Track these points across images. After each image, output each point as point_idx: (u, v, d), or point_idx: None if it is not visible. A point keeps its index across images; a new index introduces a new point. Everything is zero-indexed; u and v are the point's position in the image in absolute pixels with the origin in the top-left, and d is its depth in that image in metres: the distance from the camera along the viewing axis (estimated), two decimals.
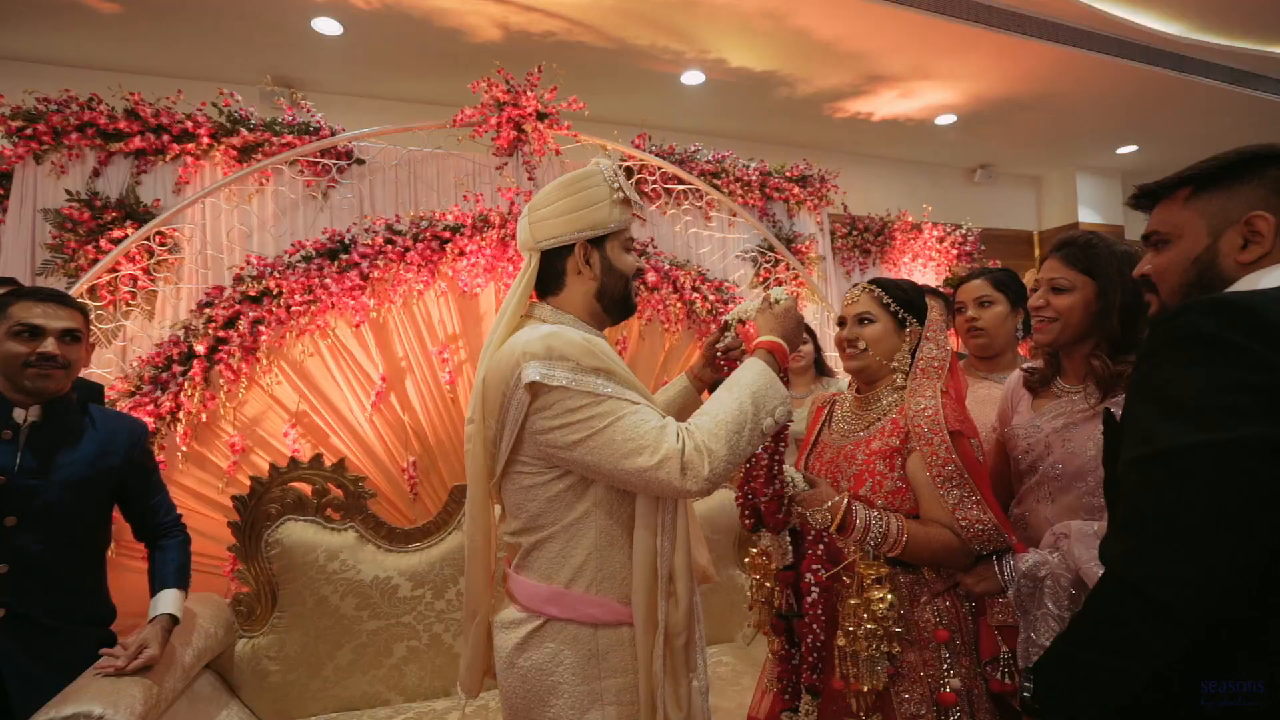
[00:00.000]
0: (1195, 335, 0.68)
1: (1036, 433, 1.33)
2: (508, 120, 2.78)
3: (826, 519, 1.22)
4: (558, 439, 0.99)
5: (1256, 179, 0.80)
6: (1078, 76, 4.35)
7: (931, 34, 3.72)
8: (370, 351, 2.69)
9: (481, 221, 2.78)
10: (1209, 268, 0.81)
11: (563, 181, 1.14)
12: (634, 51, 3.79)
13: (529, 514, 1.06)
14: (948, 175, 6.10)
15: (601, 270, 1.14)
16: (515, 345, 1.04)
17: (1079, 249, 1.28)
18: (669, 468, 0.95)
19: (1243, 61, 4.56)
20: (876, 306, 1.37)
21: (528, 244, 1.14)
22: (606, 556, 1.05)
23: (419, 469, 2.76)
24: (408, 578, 1.67)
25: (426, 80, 3.89)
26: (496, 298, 2.87)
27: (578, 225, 1.11)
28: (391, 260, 2.63)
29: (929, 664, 1.22)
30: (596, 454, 0.97)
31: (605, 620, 1.05)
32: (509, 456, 1.06)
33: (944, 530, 1.22)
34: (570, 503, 1.04)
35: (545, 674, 1.03)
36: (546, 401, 0.99)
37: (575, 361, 1.00)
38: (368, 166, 2.93)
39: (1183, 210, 0.85)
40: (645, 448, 0.96)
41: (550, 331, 1.03)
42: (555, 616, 1.04)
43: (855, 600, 1.22)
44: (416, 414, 2.77)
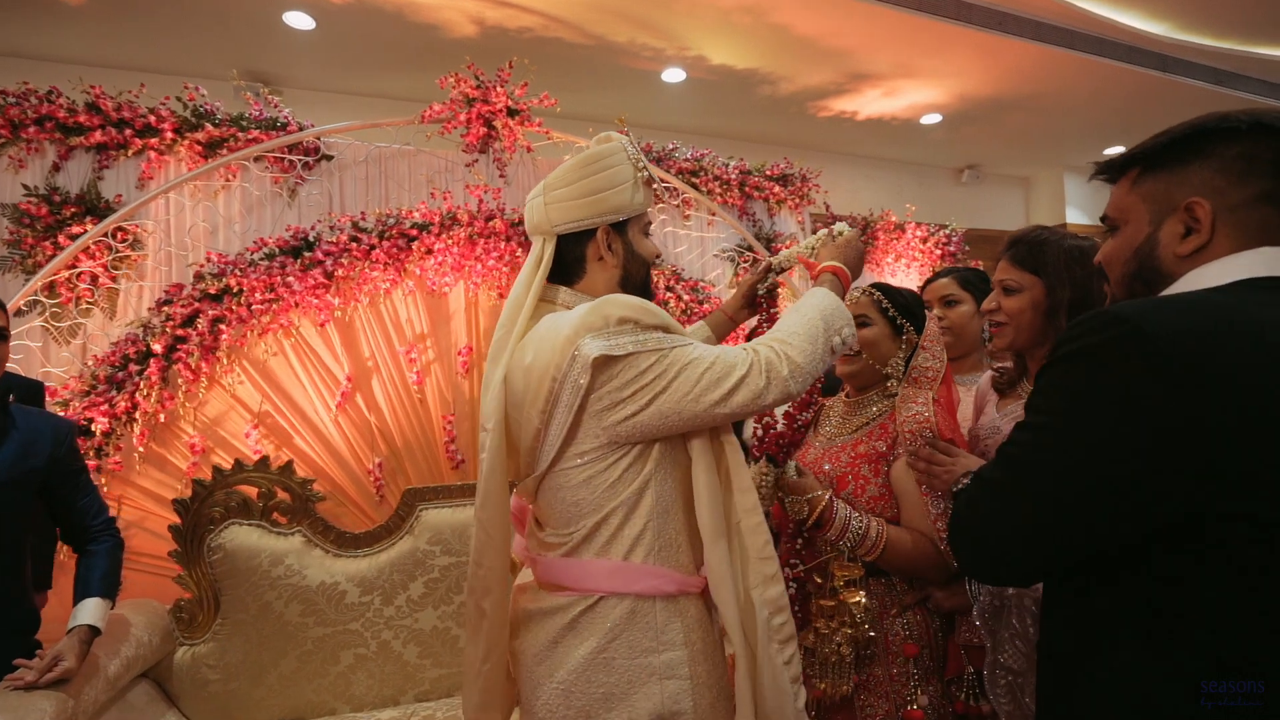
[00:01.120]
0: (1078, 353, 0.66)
1: (995, 434, 1.30)
2: (477, 116, 2.74)
3: (804, 510, 1.19)
4: (630, 406, 0.95)
5: (1202, 159, 0.71)
6: (1063, 76, 4.33)
7: (913, 31, 3.69)
8: (336, 351, 2.66)
9: (449, 219, 2.74)
10: (1148, 259, 0.74)
11: (582, 159, 1.05)
12: (613, 48, 3.75)
13: (589, 504, 1.00)
14: (934, 175, 6.07)
15: (625, 256, 1.07)
16: (559, 328, 0.98)
17: (1026, 248, 1.24)
18: (751, 382, 0.94)
19: (1225, 62, 4.54)
20: (875, 310, 1.35)
21: (542, 227, 1.06)
22: (664, 524, 1.01)
23: (385, 470, 2.72)
24: (356, 583, 1.64)
25: (401, 76, 3.84)
26: (465, 297, 2.83)
27: (600, 208, 1.04)
28: (357, 258, 2.59)
29: (896, 679, 1.20)
30: (674, 403, 0.94)
31: (666, 590, 1.00)
32: (556, 457, 1.00)
33: (923, 539, 1.20)
34: (630, 479, 1.00)
35: (598, 651, 0.98)
36: (612, 373, 0.94)
37: (635, 321, 0.95)
38: (336, 163, 2.89)
39: (1129, 193, 0.77)
40: (723, 376, 0.94)
41: (600, 300, 0.98)
42: (614, 592, 1.00)
43: (829, 602, 1.20)
44: (383, 414, 2.73)
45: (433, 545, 1.74)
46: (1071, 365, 0.66)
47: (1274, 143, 0.68)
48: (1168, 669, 0.61)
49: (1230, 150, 0.70)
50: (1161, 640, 0.62)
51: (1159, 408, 0.60)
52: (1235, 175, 0.69)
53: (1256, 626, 0.57)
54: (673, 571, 1.02)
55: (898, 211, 4.60)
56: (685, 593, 1.03)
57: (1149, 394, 0.60)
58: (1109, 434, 0.62)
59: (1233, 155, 0.70)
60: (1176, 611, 0.61)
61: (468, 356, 2.82)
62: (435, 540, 1.75)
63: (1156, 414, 0.60)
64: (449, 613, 1.74)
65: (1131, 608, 0.64)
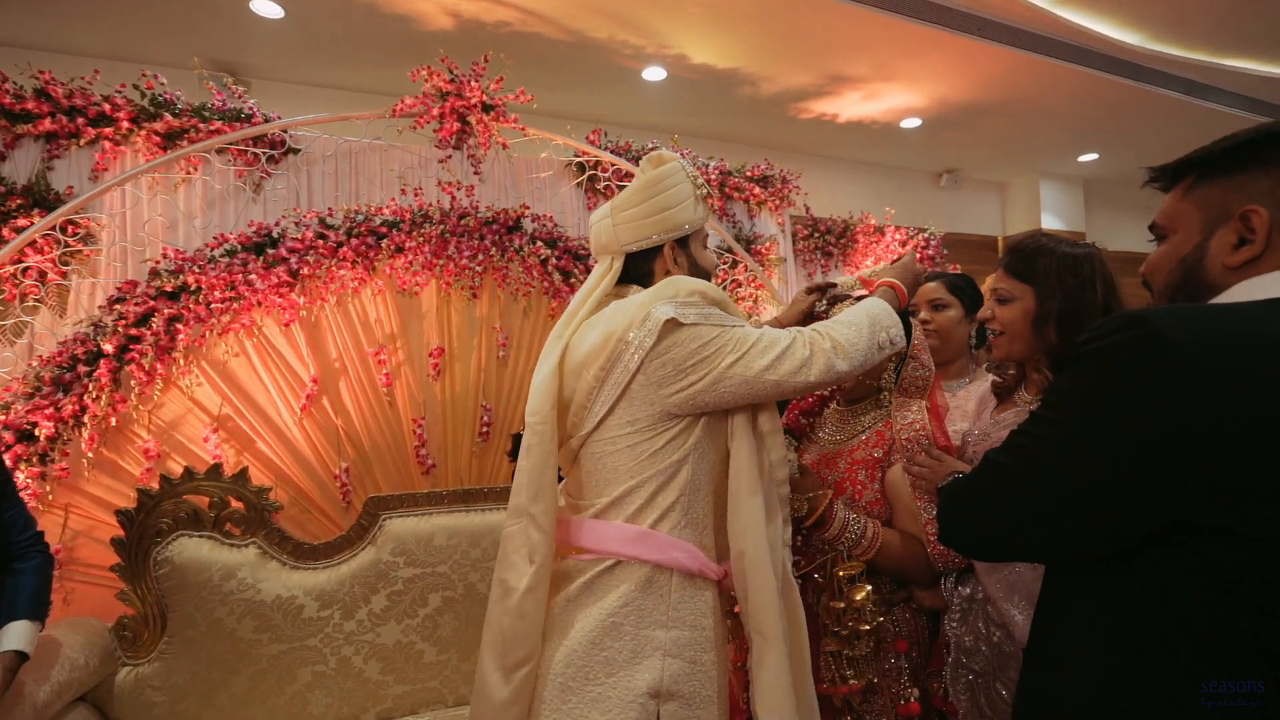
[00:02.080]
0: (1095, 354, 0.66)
1: (984, 440, 1.30)
2: (451, 111, 2.67)
3: (804, 508, 1.22)
4: (689, 376, 1.01)
5: (1264, 166, 0.68)
6: (1039, 83, 4.37)
7: (893, 34, 3.68)
8: (301, 352, 2.56)
9: (421, 217, 2.66)
10: (1195, 269, 0.71)
11: (646, 181, 1.13)
12: (592, 45, 3.69)
13: (627, 470, 1.05)
14: (914, 179, 6.10)
15: (689, 268, 1.15)
16: (633, 300, 1.06)
17: (1020, 256, 1.23)
18: (796, 351, 1.02)
19: (1197, 73, 4.62)
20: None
21: (611, 247, 1.14)
22: (694, 501, 1.05)
23: (352, 476, 2.63)
24: (314, 597, 1.56)
25: (373, 69, 3.74)
26: (437, 297, 2.75)
27: (665, 226, 1.12)
28: (323, 256, 2.49)
29: (889, 674, 1.24)
30: (728, 370, 1.00)
31: (686, 566, 1.03)
32: (604, 418, 1.05)
33: (914, 540, 1.24)
34: (670, 452, 1.05)
35: (609, 614, 1.00)
36: (675, 339, 1.01)
37: (703, 294, 1.04)
38: (303, 157, 2.79)
39: (1182, 201, 0.74)
40: (770, 345, 1.01)
41: (673, 278, 1.07)
42: (636, 557, 1.02)
43: (838, 603, 1.22)
44: (350, 418, 2.64)
45: (396, 556, 1.67)
46: (1087, 363, 0.67)
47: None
48: (1158, 672, 0.61)
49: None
50: (1152, 644, 0.62)
51: (1161, 412, 0.59)
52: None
53: (1240, 635, 0.57)
54: (696, 549, 1.05)
55: (877, 214, 4.61)
56: (704, 575, 1.05)
57: (1155, 398, 0.59)
58: (1111, 435, 0.62)
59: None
60: (1166, 617, 0.61)
61: (439, 358, 2.74)
62: (399, 551, 1.68)
63: (1159, 419, 0.59)
64: (413, 626, 1.67)
65: (1124, 611, 0.64)
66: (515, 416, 2.85)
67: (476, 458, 2.85)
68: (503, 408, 2.89)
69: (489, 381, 2.85)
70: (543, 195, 3.18)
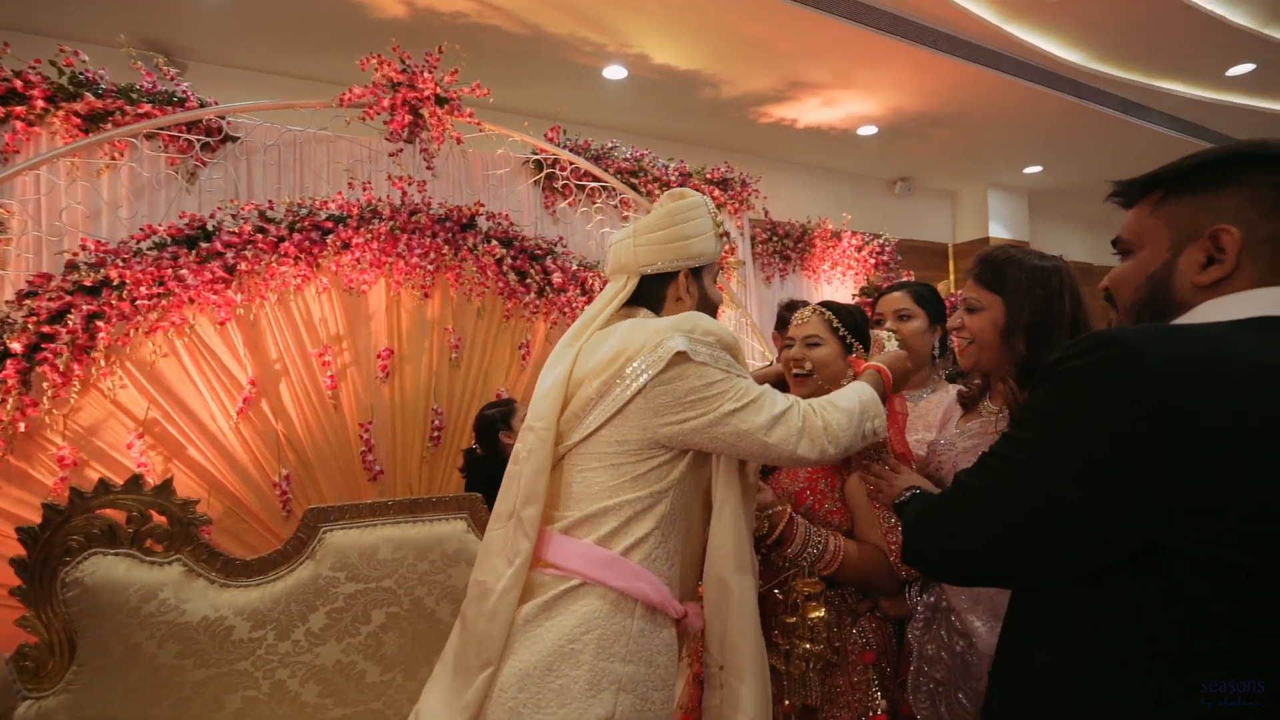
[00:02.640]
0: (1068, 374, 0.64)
1: (949, 450, 1.30)
2: (403, 103, 2.56)
3: (764, 526, 1.20)
4: (686, 413, 1.02)
5: (1234, 184, 0.67)
6: (989, 96, 4.50)
7: (852, 42, 3.73)
8: (238, 352, 2.42)
9: (370, 212, 2.55)
10: (1163, 287, 0.70)
11: (671, 210, 1.17)
12: (552, 40, 3.62)
13: (606, 488, 1.05)
14: (869, 186, 6.23)
15: (699, 299, 1.18)
16: (649, 323, 1.08)
17: (990, 267, 1.23)
18: (791, 420, 1.04)
19: (1132, 93, 4.84)
20: (826, 330, 1.37)
21: (629, 267, 1.16)
22: (667, 535, 1.05)
23: (293, 484, 2.50)
24: (245, 617, 1.46)
25: (321, 57, 3.58)
26: (386, 296, 2.65)
27: (683, 254, 1.15)
28: (263, 251, 2.36)
29: (857, 687, 1.22)
30: (724, 419, 1.02)
31: (650, 598, 1.02)
32: (593, 432, 1.05)
33: (876, 551, 1.22)
34: (653, 480, 1.05)
35: (567, 639, 0.98)
36: (682, 373, 1.02)
37: (719, 338, 1.05)
38: (243, 146, 2.64)
39: (1150, 217, 0.73)
40: (769, 406, 1.03)
41: (693, 313, 1.09)
42: (602, 581, 1.00)
43: (791, 619, 1.20)
44: (292, 422, 2.51)
45: (337, 571, 1.57)
46: (1060, 383, 0.65)
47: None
48: (1132, 690, 0.60)
49: (1265, 180, 0.65)
50: (1126, 662, 0.61)
51: (1132, 433, 0.58)
52: (1269, 206, 0.65)
53: (1215, 653, 0.57)
54: (662, 583, 1.03)
55: (834, 220, 4.67)
56: (665, 610, 1.04)
57: (1126, 418, 0.59)
58: (1083, 456, 0.61)
59: (1268, 185, 0.65)
60: (1140, 635, 0.60)
61: (388, 360, 2.63)
62: (340, 565, 1.58)
63: (1130, 440, 0.58)
64: (354, 645, 1.58)
65: (1097, 629, 0.64)
66: (469, 421, 2.76)
67: (427, 463, 2.75)
68: (455, 412, 2.80)
69: (441, 384, 2.76)
70: (499, 193, 3.09)
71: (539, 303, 2.85)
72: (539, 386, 1.14)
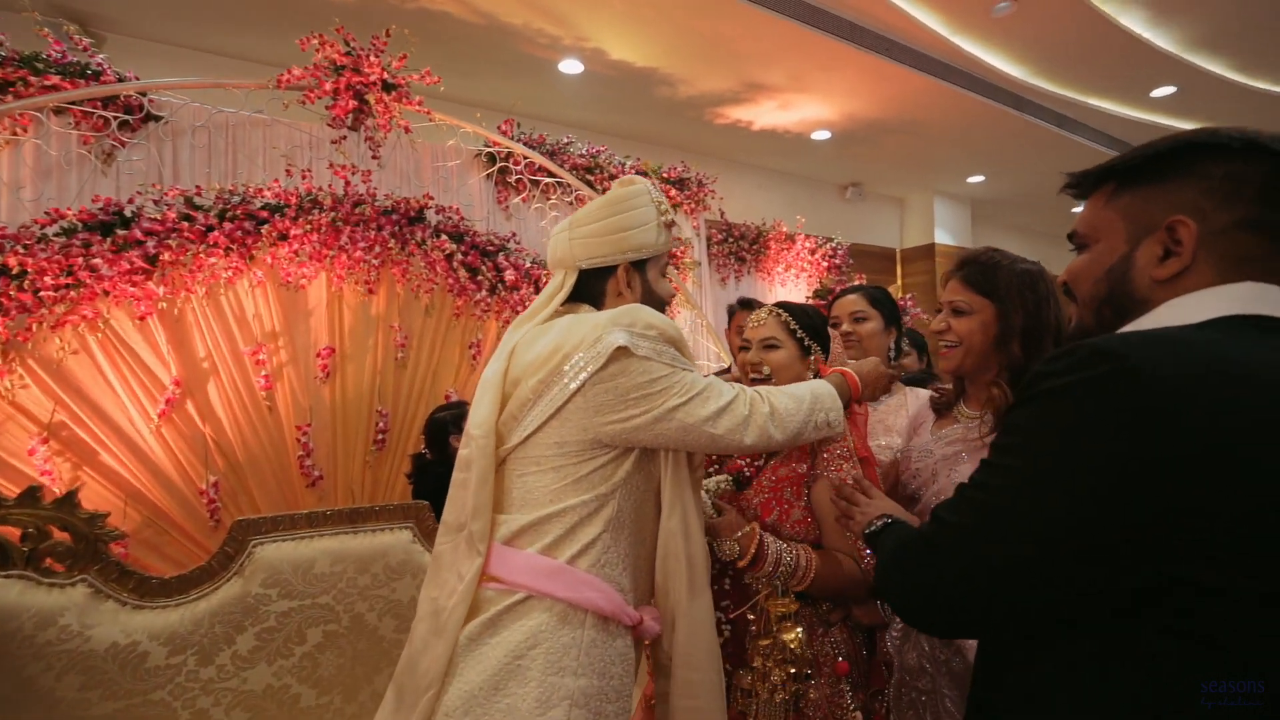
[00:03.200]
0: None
1: (927, 457, 1.28)
2: (346, 87, 2.42)
3: (735, 550, 1.15)
4: (630, 409, 0.97)
5: (1187, 175, 0.65)
6: (937, 106, 4.62)
7: (808, 46, 3.76)
8: (160, 350, 2.24)
9: (309, 202, 2.40)
10: (1121, 281, 0.69)
11: (609, 200, 1.11)
12: (506, 31, 3.51)
13: (547, 492, 1.00)
14: (821, 190, 6.33)
15: (643, 293, 1.12)
16: (588, 318, 1.03)
17: (979, 269, 1.21)
18: (737, 409, 1.01)
19: (1067, 108, 5.07)
20: (783, 332, 1.32)
21: (566, 261, 1.11)
22: (617, 538, 1.01)
23: (223, 491, 2.33)
24: (163, 641, 1.32)
25: (256, 36, 3.37)
26: (327, 291, 2.50)
27: (622, 246, 1.09)
28: (189, 240, 2.19)
29: (831, 699, 1.19)
30: (670, 412, 0.98)
31: (601, 608, 0.97)
32: (532, 434, 1.00)
33: (847, 560, 1.20)
34: (596, 482, 1.00)
35: (514, 655, 0.93)
36: (624, 369, 0.97)
37: (661, 331, 1.00)
38: (169, 127, 2.45)
39: (1104, 209, 0.71)
40: (715, 396, 1.00)
41: (634, 305, 1.04)
42: (549, 593, 0.95)
43: (766, 641, 1.16)
44: (221, 424, 2.35)
45: (268, 588, 1.45)
46: (1054, 403, 0.60)
47: (1264, 165, 0.62)
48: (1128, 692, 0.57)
49: (1218, 170, 0.63)
50: (1127, 700, 0.57)
51: (1147, 454, 0.54)
52: (1221, 197, 0.63)
53: (1211, 658, 0.54)
54: (613, 590, 0.99)
55: (788, 222, 4.72)
56: (617, 618, 0.99)
57: (1138, 439, 0.54)
58: (1092, 481, 0.56)
59: (1220, 175, 0.63)
60: (1140, 677, 0.56)
61: (328, 358, 2.49)
62: (272, 581, 1.46)
63: (1144, 461, 0.54)
64: (287, 668, 1.46)
65: (1093, 671, 0.59)
66: (415, 423, 2.64)
67: (370, 468, 2.62)
68: (401, 413, 2.67)
69: (385, 385, 2.63)
70: (449, 186, 2.97)
71: (491, 301, 2.75)
72: (478, 390, 1.09)
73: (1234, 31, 4.14)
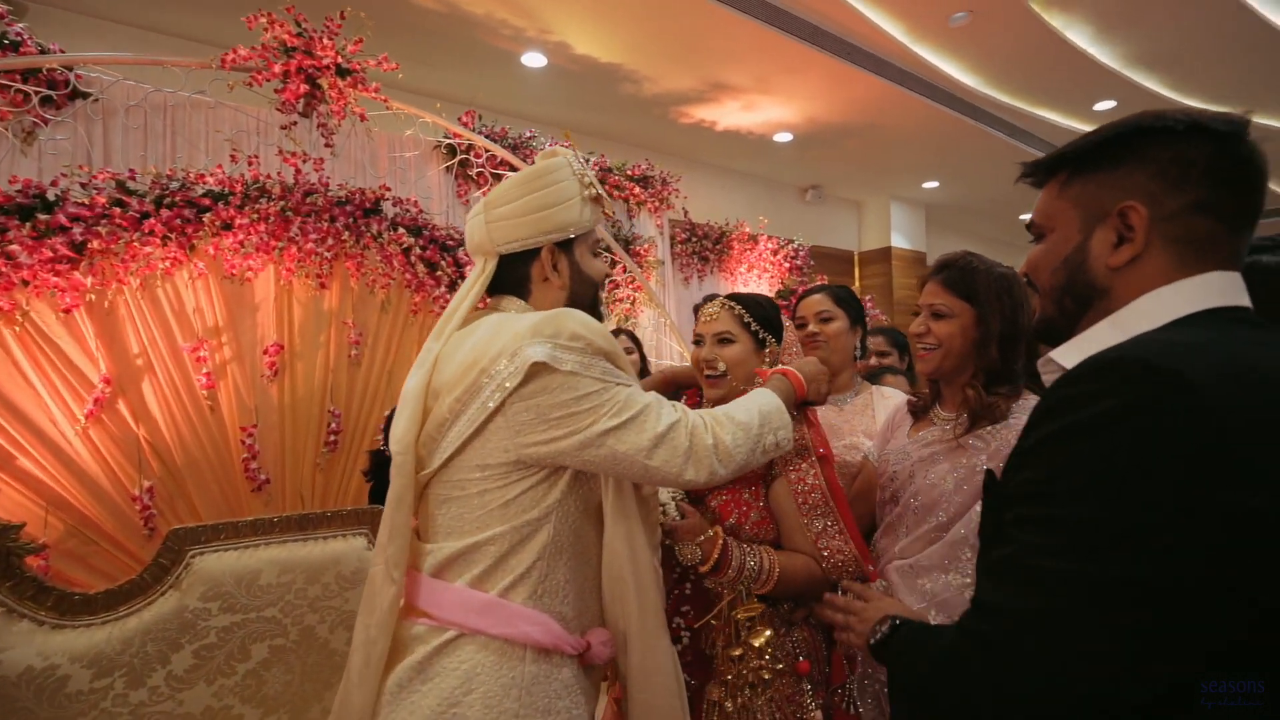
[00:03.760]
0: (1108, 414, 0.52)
1: (904, 460, 1.27)
2: (297, 71, 2.29)
3: (697, 555, 1.11)
4: (554, 431, 0.88)
5: (1137, 160, 0.64)
6: (895, 111, 4.72)
7: (772, 49, 3.78)
8: (88, 345, 2.07)
9: (256, 190, 2.27)
10: (1079, 270, 0.67)
11: (525, 176, 1.01)
12: (468, 20, 3.41)
13: (474, 520, 0.91)
14: (782, 192, 6.40)
15: (571, 276, 1.03)
16: (507, 325, 0.92)
17: (958, 273, 1.22)
18: (676, 440, 0.90)
19: (1018, 118, 5.26)
20: (737, 325, 1.27)
21: (484, 247, 1.02)
22: (554, 566, 0.92)
23: (159, 497, 2.18)
24: (86, 664, 1.20)
25: (197, 13, 3.19)
26: (275, 284, 2.37)
27: (544, 227, 1.00)
28: (121, 228, 2.04)
29: (792, 698, 1.18)
30: (599, 438, 0.87)
31: (541, 642, 0.90)
32: (452, 457, 0.91)
33: (808, 560, 1.18)
34: (527, 505, 0.91)
35: (448, 703, 0.85)
36: (546, 385, 0.88)
37: (588, 342, 0.90)
38: (100, 106, 2.28)
39: (1058, 198, 0.70)
40: (652, 423, 0.89)
41: (558, 311, 0.93)
42: (481, 630, 0.88)
43: (738, 650, 1.14)
44: (157, 426, 2.19)
45: (208, 602, 1.34)
46: (1106, 433, 0.52)
47: (1209, 147, 0.62)
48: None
49: (1165, 153, 0.63)
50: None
51: (1230, 479, 0.48)
52: (1170, 180, 0.63)
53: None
54: (551, 620, 0.91)
55: (750, 223, 4.74)
56: (559, 650, 0.92)
57: (1216, 464, 0.48)
58: (1184, 520, 0.48)
59: (1167, 159, 0.63)
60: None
61: (276, 356, 2.36)
62: (212, 595, 1.35)
63: (1229, 487, 0.48)
64: (229, 687, 1.36)
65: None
66: (370, 424, 2.52)
67: (321, 470, 2.49)
68: (355, 413, 2.55)
69: (338, 383, 2.51)
70: (407, 177, 2.86)
71: (450, 296, 2.65)
72: (400, 403, 0.98)
73: (1170, 52, 4.36)
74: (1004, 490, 0.61)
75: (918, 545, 1.18)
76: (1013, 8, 3.68)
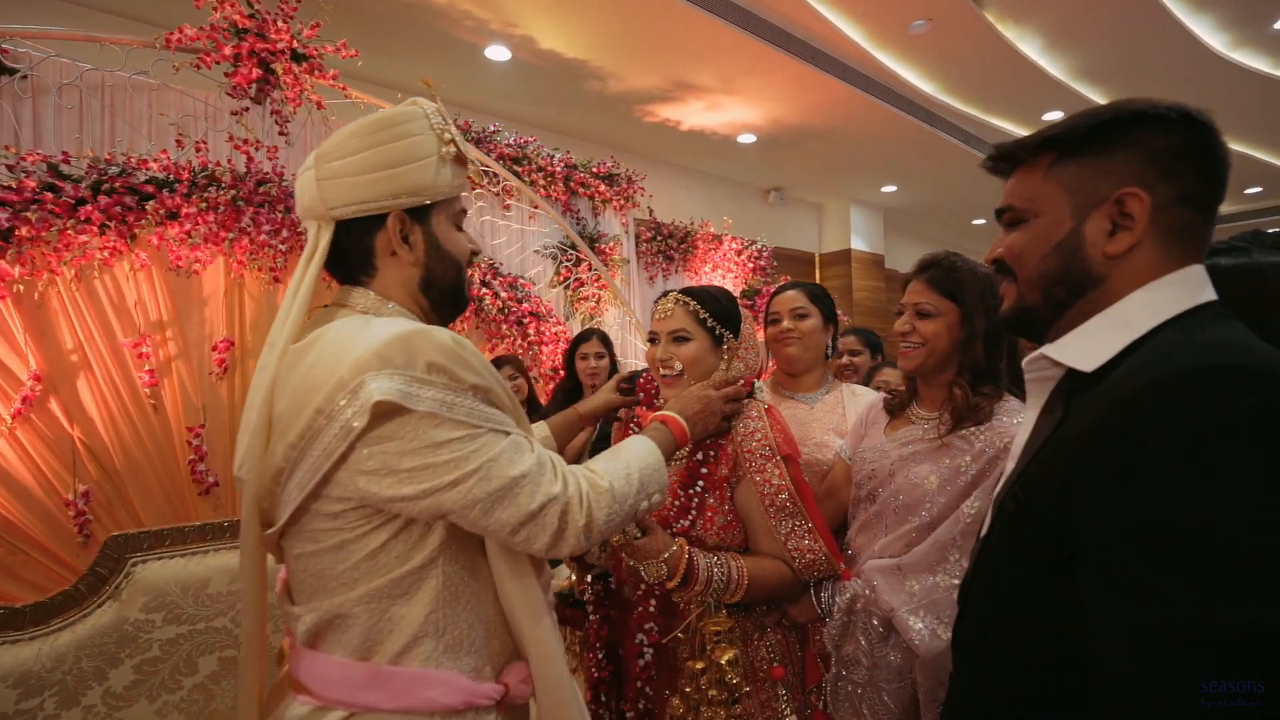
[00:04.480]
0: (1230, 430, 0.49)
1: (883, 458, 1.26)
2: (249, 54, 2.19)
3: (663, 572, 1.07)
4: (403, 487, 0.71)
5: (1129, 147, 0.62)
6: (856, 115, 4.82)
7: (737, 49, 3.81)
8: (15, 339, 1.94)
9: (205, 177, 2.16)
10: (1074, 257, 0.65)
11: (368, 123, 0.81)
12: (431, 9, 3.33)
13: (338, 576, 0.76)
14: (745, 193, 6.46)
15: (426, 252, 0.85)
16: (351, 344, 0.73)
17: (943, 271, 1.22)
18: (548, 519, 0.75)
19: (971, 125, 5.43)
20: (692, 322, 1.22)
21: (315, 209, 0.81)
22: (453, 616, 0.78)
23: (95, 502, 2.05)
24: (13, 682, 1.11)
25: None
26: (225, 278, 2.26)
27: (392, 188, 0.80)
28: (54, 214, 1.91)
29: (766, 704, 1.16)
30: (458, 504, 0.72)
31: (450, 705, 0.76)
32: (301, 504, 0.75)
33: (778, 563, 1.16)
34: (402, 554, 0.76)
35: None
36: (397, 430, 0.71)
37: (451, 375, 0.73)
38: (30, 84, 2.13)
39: (1044, 182, 0.67)
40: (528, 494, 0.74)
41: (413, 330, 0.74)
42: (372, 706, 0.75)
43: (700, 664, 1.11)
44: (94, 426, 2.06)
45: (151, 613, 1.26)
46: (1230, 451, 0.48)
47: (1199, 139, 0.62)
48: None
49: (1159, 142, 0.62)
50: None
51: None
52: (1163, 170, 0.62)
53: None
54: (458, 676, 0.78)
55: (715, 223, 4.77)
56: (473, 706, 0.79)
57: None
58: None
59: (1161, 147, 0.62)
60: None
61: (225, 353, 2.25)
62: (156, 605, 1.27)
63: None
64: (174, 703, 1.28)
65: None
66: None
67: None
68: None
69: None
70: None
71: None
72: (240, 428, 0.82)
73: (1111, 65, 4.57)
74: (1063, 538, 0.57)
75: (899, 544, 1.18)
76: (969, 17, 3.79)
